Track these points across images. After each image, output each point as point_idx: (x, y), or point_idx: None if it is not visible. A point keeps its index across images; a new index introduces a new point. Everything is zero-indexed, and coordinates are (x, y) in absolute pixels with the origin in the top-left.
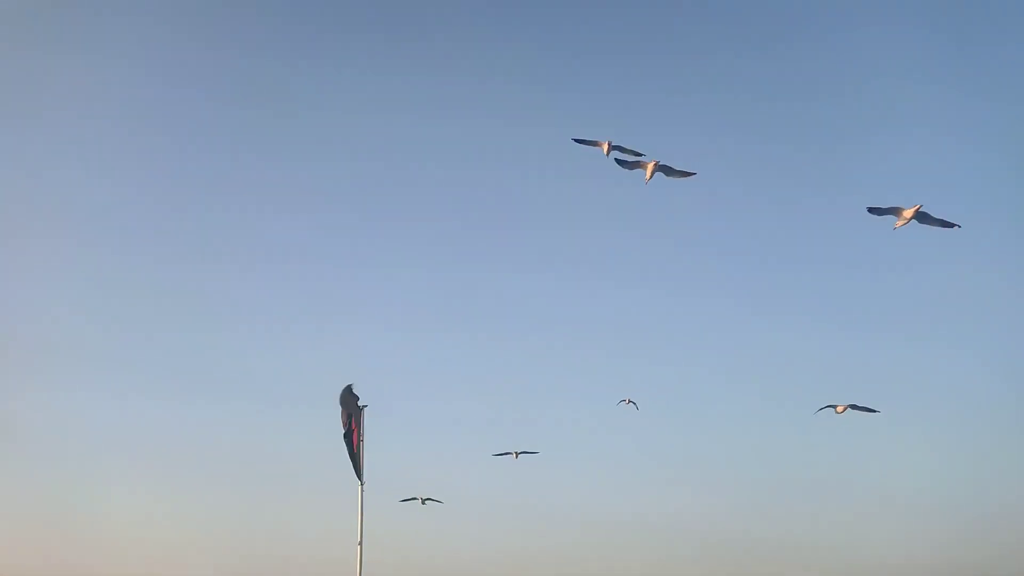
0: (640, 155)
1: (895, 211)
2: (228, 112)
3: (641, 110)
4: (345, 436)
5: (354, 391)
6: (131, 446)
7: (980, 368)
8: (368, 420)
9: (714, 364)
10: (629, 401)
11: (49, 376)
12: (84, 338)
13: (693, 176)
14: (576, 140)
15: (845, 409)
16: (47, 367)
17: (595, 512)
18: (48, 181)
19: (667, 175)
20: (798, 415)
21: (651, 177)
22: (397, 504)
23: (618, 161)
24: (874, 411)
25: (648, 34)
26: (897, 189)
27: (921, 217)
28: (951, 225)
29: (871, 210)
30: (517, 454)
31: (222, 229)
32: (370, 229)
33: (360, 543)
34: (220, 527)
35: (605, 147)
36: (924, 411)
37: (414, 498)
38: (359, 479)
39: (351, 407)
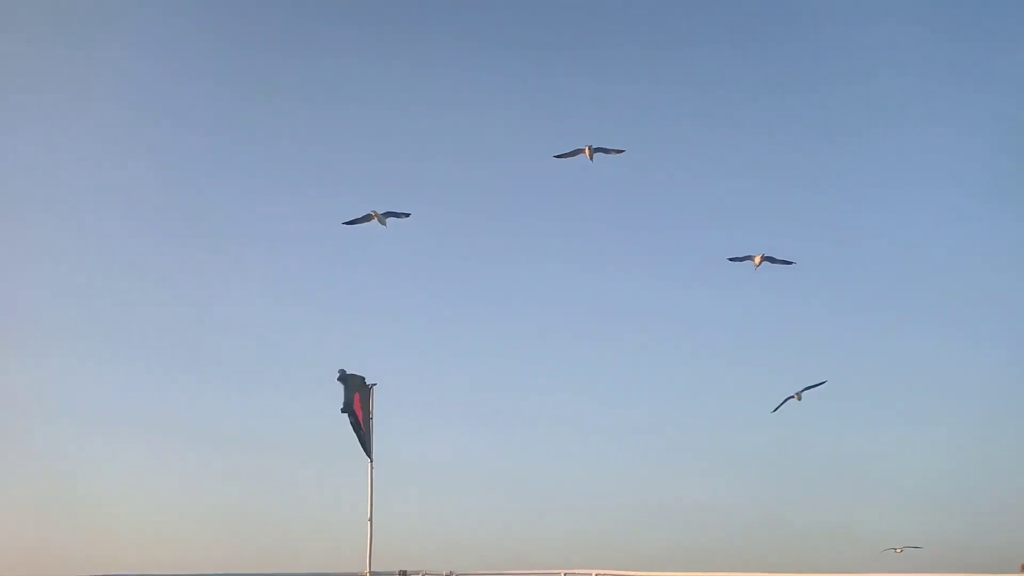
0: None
1: (750, 258)
2: (230, 100)
3: (642, 104)
4: (350, 416)
5: (355, 373)
6: (136, 423)
7: (996, 357)
8: (377, 398)
9: (740, 354)
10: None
11: (51, 352)
12: (88, 316)
13: (623, 152)
14: (558, 156)
15: (761, 261)
16: (50, 345)
17: (610, 495)
18: (52, 165)
19: (605, 153)
20: (825, 405)
21: (592, 158)
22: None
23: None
24: (790, 263)
25: (649, 29)
26: (896, 181)
27: (769, 259)
28: (789, 263)
29: (731, 259)
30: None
31: (223, 212)
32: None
33: (370, 519)
34: (228, 504)
35: (587, 151)
36: (946, 401)
37: None
38: (368, 456)
39: (356, 387)
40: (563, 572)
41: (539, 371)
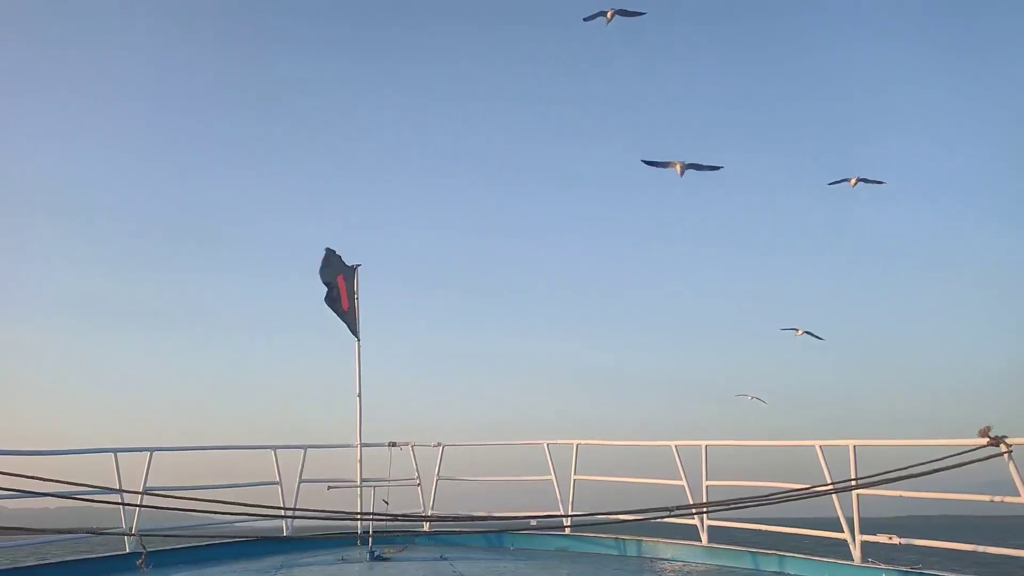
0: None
1: (846, 180)
2: (222, 97)
3: (657, 112)
4: (330, 297)
5: (337, 253)
6: (129, 308)
7: None
8: (361, 279)
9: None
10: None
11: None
12: (72, 192)
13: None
14: (646, 162)
15: (856, 182)
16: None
17: (590, 370)
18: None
19: (697, 170)
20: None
21: (682, 173)
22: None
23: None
24: (881, 182)
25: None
26: (898, 179)
27: (864, 180)
28: (881, 182)
29: (831, 183)
30: None
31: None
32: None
33: (359, 395)
34: (224, 379)
35: (678, 168)
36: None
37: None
38: (355, 336)
39: (339, 268)
40: (545, 443)
41: (527, 253)
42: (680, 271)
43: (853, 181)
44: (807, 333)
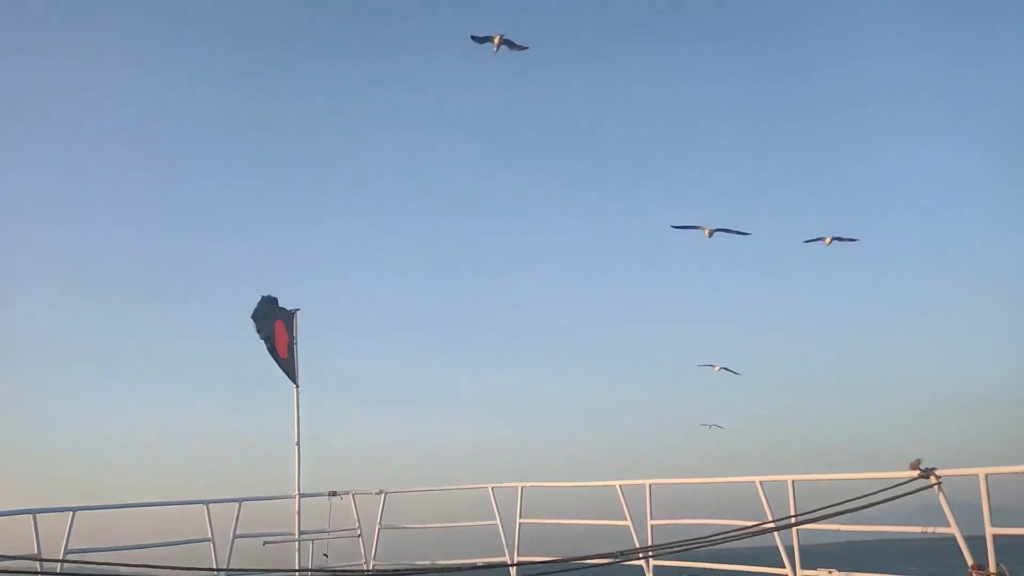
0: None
1: (821, 239)
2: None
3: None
4: (268, 345)
5: (275, 301)
6: (84, 354)
7: None
8: (301, 324)
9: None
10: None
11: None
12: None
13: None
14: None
15: (831, 241)
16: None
17: (535, 407)
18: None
19: (726, 233)
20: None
21: (711, 236)
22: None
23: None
24: (855, 240)
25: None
26: (899, 185)
27: (838, 239)
28: (854, 240)
29: (807, 241)
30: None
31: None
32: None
33: (297, 443)
34: (164, 431)
35: (707, 231)
36: None
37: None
38: (294, 383)
39: (276, 315)
40: (490, 487)
41: (467, 290)
42: (659, 291)
43: (828, 240)
44: (724, 369)
